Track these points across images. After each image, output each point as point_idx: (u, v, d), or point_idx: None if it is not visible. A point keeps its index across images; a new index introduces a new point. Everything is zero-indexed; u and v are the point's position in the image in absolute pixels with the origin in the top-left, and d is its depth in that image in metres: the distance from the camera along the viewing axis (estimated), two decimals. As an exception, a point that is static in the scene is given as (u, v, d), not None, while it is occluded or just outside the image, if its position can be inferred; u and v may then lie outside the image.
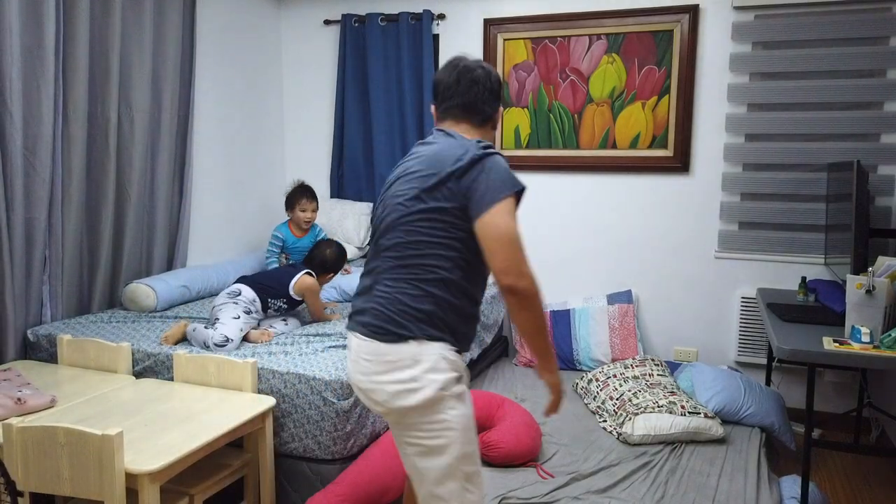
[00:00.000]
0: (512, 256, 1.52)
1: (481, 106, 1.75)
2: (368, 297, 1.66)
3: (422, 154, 1.68)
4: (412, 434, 1.63)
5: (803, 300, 3.11)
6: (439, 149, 1.65)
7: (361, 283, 1.71)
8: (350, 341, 1.70)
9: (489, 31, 3.88)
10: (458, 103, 1.74)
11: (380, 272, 1.64)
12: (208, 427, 2.06)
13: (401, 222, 1.61)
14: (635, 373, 3.18)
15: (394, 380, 1.59)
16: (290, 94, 4.43)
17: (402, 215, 1.61)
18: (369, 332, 1.62)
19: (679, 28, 3.54)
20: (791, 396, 3.51)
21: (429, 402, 1.58)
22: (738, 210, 3.56)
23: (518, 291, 1.52)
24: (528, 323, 1.58)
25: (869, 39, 3.29)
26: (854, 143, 3.34)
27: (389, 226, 1.64)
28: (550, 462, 2.62)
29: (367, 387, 1.64)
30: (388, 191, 1.70)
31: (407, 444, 1.65)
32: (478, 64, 1.76)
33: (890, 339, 2.29)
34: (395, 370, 1.59)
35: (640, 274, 3.80)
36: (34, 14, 2.71)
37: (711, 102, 3.56)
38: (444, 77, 1.76)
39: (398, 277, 1.61)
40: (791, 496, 2.43)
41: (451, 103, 1.75)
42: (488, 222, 1.53)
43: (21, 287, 2.76)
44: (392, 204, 1.65)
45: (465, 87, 1.73)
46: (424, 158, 1.65)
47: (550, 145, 3.87)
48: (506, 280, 1.52)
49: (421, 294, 1.59)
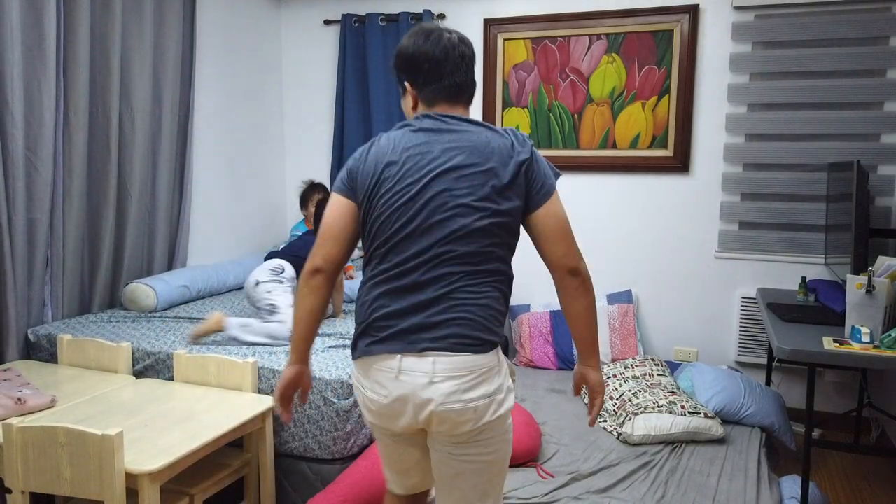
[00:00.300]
0: (573, 241, 1.53)
1: (472, 85, 1.61)
2: (442, 308, 1.44)
3: (459, 146, 1.48)
4: (474, 451, 1.49)
5: (803, 300, 3.11)
6: (484, 139, 1.49)
7: (414, 297, 1.45)
8: (410, 365, 1.44)
9: (489, 31, 3.88)
10: (454, 83, 1.56)
11: (454, 281, 1.45)
12: (208, 427, 2.06)
13: (476, 227, 1.45)
14: (635, 373, 3.18)
15: (484, 393, 1.45)
16: (290, 94, 4.43)
17: (477, 219, 1.45)
18: (459, 345, 1.43)
19: (679, 28, 3.54)
20: (791, 396, 3.51)
21: (510, 409, 1.52)
22: (739, 210, 3.56)
23: (582, 273, 1.52)
24: (592, 307, 1.54)
25: (869, 39, 3.29)
26: (854, 143, 3.34)
27: (456, 231, 1.44)
28: (550, 462, 2.62)
29: (453, 408, 1.43)
30: (427, 189, 1.45)
31: (464, 461, 1.50)
32: (459, 37, 1.59)
33: (890, 339, 2.29)
34: (485, 382, 1.45)
35: (640, 274, 3.80)
36: (35, 14, 2.71)
37: (711, 102, 3.56)
38: (430, 51, 1.54)
39: (481, 282, 1.47)
40: (791, 496, 2.43)
41: (445, 83, 1.56)
42: (551, 212, 1.51)
43: (23, 287, 2.77)
44: (452, 205, 1.45)
45: (455, 63, 1.55)
46: (471, 151, 1.47)
47: (550, 145, 3.87)
48: (573, 262, 1.51)
49: (501, 296, 1.51)
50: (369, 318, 1.49)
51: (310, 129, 4.40)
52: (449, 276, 1.45)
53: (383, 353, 1.46)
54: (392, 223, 1.47)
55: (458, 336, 1.43)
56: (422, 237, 1.45)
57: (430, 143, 1.50)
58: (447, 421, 1.45)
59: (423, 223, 1.45)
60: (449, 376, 1.42)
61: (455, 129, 1.51)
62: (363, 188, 1.51)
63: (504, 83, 3.91)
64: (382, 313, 1.47)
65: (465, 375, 1.43)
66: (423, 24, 1.61)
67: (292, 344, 1.57)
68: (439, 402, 1.43)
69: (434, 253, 1.45)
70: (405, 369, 1.44)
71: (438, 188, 1.45)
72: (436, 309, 1.44)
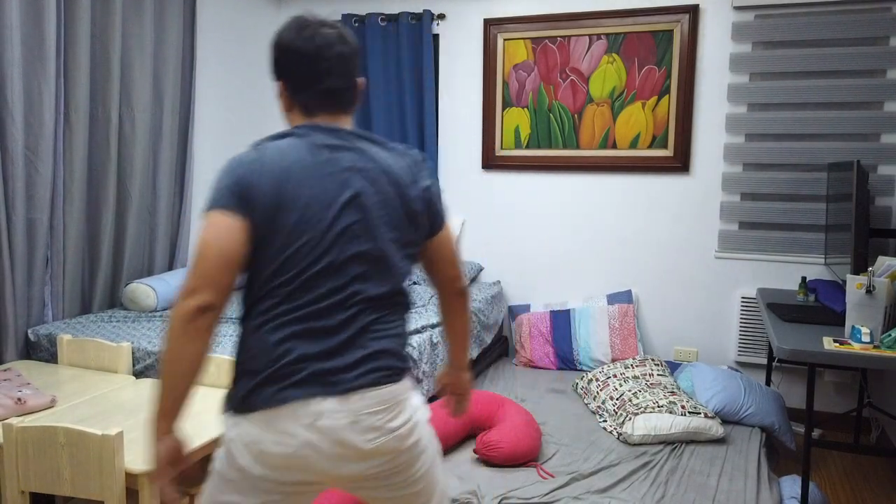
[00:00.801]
0: (461, 262, 1.52)
1: (353, 91, 1.41)
2: (361, 345, 1.33)
3: (363, 167, 1.33)
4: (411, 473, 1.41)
5: (803, 300, 3.11)
6: (386, 161, 1.36)
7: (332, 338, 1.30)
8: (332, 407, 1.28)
9: (489, 30, 3.88)
10: (330, 89, 1.36)
11: (370, 315, 1.35)
12: (208, 427, 2.06)
13: (391, 261, 1.36)
14: (635, 373, 3.18)
15: (406, 418, 1.38)
16: (290, 94, 4.42)
17: (393, 252, 1.36)
18: (382, 378, 1.34)
19: (679, 28, 3.54)
20: (791, 396, 3.51)
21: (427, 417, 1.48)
22: (739, 210, 3.56)
23: (467, 292, 1.55)
24: (470, 320, 1.60)
25: (869, 39, 3.29)
26: (854, 143, 3.34)
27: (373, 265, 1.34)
28: (550, 462, 2.62)
29: (380, 442, 1.33)
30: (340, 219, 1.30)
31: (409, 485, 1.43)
32: (339, 34, 1.38)
33: (890, 339, 2.29)
34: (406, 408, 1.39)
35: (640, 274, 3.80)
36: (35, 14, 2.71)
37: (711, 102, 3.56)
38: (301, 48, 1.34)
39: (392, 312, 1.40)
40: (791, 496, 2.43)
41: (320, 88, 1.36)
42: (447, 237, 1.49)
43: (23, 287, 2.77)
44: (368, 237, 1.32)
45: (330, 65, 1.35)
46: (377, 174, 1.34)
47: (550, 145, 3.87)
48: (462, 283, 1.52)
49: (407, 320, 1.47)
50: (276, 363, 1.27)
51: (310, 129, 4.39)
52: (365, 312, 1.33)
53: (299, 399, 1.27)
54: (303, 257, 1.27)
55: (380, 370, 1.33)
56: (337, 273, 1.30)
57: (332, 162, 1.31)
58: (376, 456, 1.33)
59: (338, 258, 1.29)
60: (373, 412, 1.31)
61: (353, 148, 1.35)
62: (261, 209, 1.27)
63: (504, 83, 3.91)
64: (294, 357, 1.28)
65: (388, 407, 1.34)
66: (303, 14, 1.40)
67: (164, 407, 1.24)
68: (367, 439, 1.31)
69: (351, 290, 1.31)
70: (326, 413, 1.28)
71: (352, 218, 1.30)
72: (355, 346, 1.31)
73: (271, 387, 1.28)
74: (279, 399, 1.27)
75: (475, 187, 4.06)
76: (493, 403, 2.80)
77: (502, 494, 2.35)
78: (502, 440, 2.56)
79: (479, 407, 2.76)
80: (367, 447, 1.31)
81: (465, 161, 4.07)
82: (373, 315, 1.34)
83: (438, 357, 3.04)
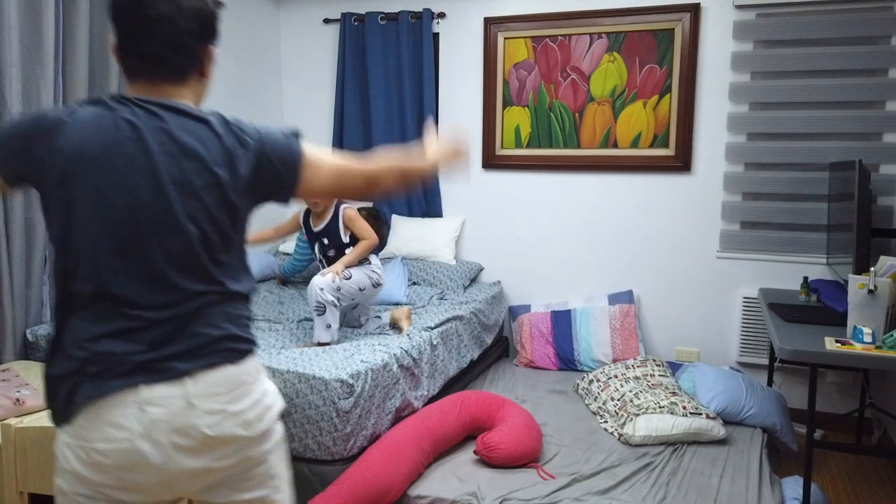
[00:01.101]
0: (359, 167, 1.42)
1: (183, 59, 1.23)
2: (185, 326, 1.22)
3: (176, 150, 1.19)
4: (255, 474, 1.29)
5: (805, 300, 3.10)
6: (198, 136, 1.21)
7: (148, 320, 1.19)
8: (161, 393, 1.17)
9: (490, 29, 3.87)
10: (148, 55, 1.21)
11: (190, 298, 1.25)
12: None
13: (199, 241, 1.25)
14: (636, 373, 3.17)
15: (252, 403, 1.27)
16: (289, 93, 4.42)
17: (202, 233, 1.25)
18: (215, 358, 1.24)
19: (680, 27, 3.53)
20: (793, 397, 3.50)
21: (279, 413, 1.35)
22: (740, 210, 3.55)
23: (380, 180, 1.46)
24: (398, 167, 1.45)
25: (870, 38, 3.28)
26: (856, 143, 3.33)
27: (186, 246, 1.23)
28: (551, 463, 2.61)
29: (222, 429, 1.21)
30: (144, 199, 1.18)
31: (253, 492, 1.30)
32: None
33: (892, 340, 2.27)
34: (250, 392, 1.28)
35: (641, 274, 3.79)
36: (34, 14, 2.70)
37: (713, 101, 3.55)
38: (120, 3, 1.20)
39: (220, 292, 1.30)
40: (793, 497, 2.42)
41: (135, 52, 1.22)
42: (320, 171, 1.39)
43: (21, 288, 2.76)
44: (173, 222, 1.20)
45: (149, 25, 1.19)
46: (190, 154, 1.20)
47: (551, 144, 3.86)
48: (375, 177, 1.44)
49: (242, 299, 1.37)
50: (87, 353, 1.16)
51: (309, 127, 4.38)
52: (185, 294, 1.21)
53: (120, 389, 1.15)
54: (104, 236, 1.16)
55: (211, 351, 1.22)
56: (148, 253, 1.18)
57: (137, 140, 1.17)
58: (217, 448, 1.21)
59: (144, 239, 1.18)
60: (210, 393, 1.20)
61: (163, 127, 1.19)
62: (39, 168, 1.16)
63: (504, 82, 3.90)
64: (108, 346, 1.16)
65: (228, 391, 1.22)
66: None
67: None
68: (206, 424, 1.19)
69: (160, 271, 1.19)
70: (154, 400, 1.16)
71: (157, 199, 1.17)
72: (177, 328, 1.20)
73: (83, 381, 1.18)
74: (98, 392, 1.17)
75: (475, 187, 4.05)
76: (494, 404, 2.79)
77: (503, 496, 2.34)
78: (503, 441, 2.55)
79: (480, 407, 2.75)
80: (207, 434, 1.19)
81: (465, 160, 4.05)
82: (202, 299, 1.23)
83: (439, 358, 3.03)
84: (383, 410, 2.58)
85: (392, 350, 2.68)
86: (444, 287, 3.76)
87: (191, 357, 1.20)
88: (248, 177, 1.25)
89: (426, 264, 3.90)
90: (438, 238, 3.97)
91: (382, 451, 2.37)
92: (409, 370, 2.75)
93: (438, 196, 4.10)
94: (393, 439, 2.44)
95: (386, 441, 2.43)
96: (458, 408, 2.70)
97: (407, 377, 2.74)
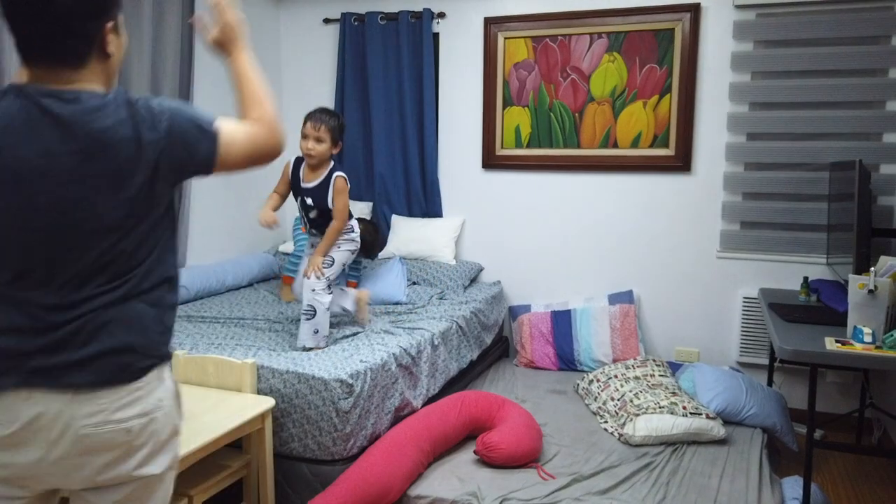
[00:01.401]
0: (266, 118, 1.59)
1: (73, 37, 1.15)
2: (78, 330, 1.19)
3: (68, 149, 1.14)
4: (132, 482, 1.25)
5: (805, 300, 3.10)
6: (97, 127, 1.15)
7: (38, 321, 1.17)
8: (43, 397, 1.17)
9: (490, 29, 3.87)
10: (30, 35, 1.14)
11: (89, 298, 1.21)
12: (207, 428, 2.05)
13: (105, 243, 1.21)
14: (636, 373, 3.17)
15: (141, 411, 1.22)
16: (289, 93, 4.41)
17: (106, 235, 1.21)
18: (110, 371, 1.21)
19: (680, 27, 3.53)
20: (793, 397, 3.50)
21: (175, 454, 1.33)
22: (740, 209, 3.55)
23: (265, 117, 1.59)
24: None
25: (870, 38, 3.27)
26: (856, 143, 3.33)
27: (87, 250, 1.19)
28: (551, 463, 2.61)
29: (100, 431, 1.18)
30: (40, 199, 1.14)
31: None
32: None
33: (892, 340, 2.27)
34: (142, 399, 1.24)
35: (641, 274, 3.79)
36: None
37: (713, 101, 3.55)
38: None
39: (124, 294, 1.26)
40: (793, 497, 2.42)
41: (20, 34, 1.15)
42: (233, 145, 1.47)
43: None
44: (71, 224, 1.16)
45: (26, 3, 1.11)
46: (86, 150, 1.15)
47: (551, 144, 3.86)
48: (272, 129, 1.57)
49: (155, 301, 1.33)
50: None
51: (310, 128, 4.38)
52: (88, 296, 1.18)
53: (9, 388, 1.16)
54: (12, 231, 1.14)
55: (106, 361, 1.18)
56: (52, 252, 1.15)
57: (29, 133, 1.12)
58: (90, 451, 1.17)
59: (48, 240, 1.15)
60: (94, 411, 1.17)
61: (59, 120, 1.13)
62: None
63: (504, 82, 3.90)
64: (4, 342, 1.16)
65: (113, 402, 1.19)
66: None
67: None
68: (82, 423, 1.16)
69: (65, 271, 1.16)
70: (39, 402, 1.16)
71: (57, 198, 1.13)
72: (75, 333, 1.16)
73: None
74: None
75: (475, 187, 4.05)
76: (494, 404, 2.79)
77: (503, 495, 2.34)
78: (503, 441, 2.55)
79: (480, 407, 2.75)
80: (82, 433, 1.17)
81: (465, 160, 4.06)
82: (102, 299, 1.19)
83: (439, 358, 3.03)
84: (382, 410, 2.57)
85: (391, 349, 2.68)
86: (444, 287, 3.76)
87: (81, 369, 1.17)
88: (157, 160, 1.19)
89: (426, 264, 3.90)
90: (438, 238, 3.96)
91: (382, 451, 2.37)
92: (407, 369, 2.75)
93: (438, 196, 4.09)
94: (393, 439, 2.44)
95: (386, 441, 2.43)
96: (458, 408, 2.70)
97: (405, 376, 2.73)
